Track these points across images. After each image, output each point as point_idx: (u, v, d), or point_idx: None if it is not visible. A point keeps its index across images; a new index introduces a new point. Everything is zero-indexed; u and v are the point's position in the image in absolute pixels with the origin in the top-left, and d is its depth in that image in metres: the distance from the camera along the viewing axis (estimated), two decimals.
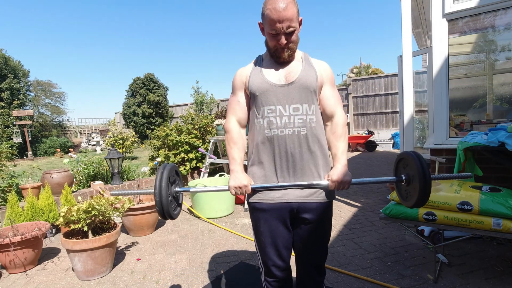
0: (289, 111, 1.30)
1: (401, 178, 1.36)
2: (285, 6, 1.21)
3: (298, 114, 1.31)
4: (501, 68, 3.65)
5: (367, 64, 17.52)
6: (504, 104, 3.54)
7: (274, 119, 1.31)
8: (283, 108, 1.30)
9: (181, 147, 4.97)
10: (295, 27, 1.26)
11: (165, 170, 1.30)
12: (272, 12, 1.22)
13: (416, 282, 2.10)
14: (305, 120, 1.31)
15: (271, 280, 1.46)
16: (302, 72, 1.33)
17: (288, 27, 1.24)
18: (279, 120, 1.31)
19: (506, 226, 1.81)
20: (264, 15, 1.27)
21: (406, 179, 1.34)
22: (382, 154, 9.07)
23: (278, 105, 1.31)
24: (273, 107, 1.31)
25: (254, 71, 1.38)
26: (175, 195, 1.39)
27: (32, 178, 4.30)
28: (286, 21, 1.22)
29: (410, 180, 1.32)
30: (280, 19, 1.22)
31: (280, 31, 1.25)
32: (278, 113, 1.31)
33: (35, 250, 2.60)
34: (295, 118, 1.30)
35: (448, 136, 2.94)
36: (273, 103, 1.31)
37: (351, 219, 3.46)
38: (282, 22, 1.23)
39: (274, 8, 1.21)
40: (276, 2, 1.22)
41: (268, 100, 1.32)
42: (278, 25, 1.23)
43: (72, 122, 19.33)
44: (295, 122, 1.30)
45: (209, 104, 13.96)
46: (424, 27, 5.46)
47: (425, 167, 1.24)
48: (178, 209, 1.43)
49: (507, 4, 2.67)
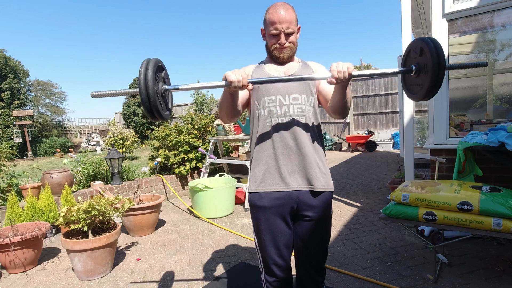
0: (289, 100, 1.39)
1: (411, 68, 1.22)
2: (286, 9, 1.37)
3: (297, 104, 1.39)
4: (501, 68, 3.65)
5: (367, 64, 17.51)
6: (504, 104, 3.54)
7: (275, 108, 1.39)
8: (282, 97, 1.39)
9: (180, 147, 4.97)
10: (294, 30, 1.39)
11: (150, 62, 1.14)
12: (273, 15, 1.36)
13: (416, 282, 2.10)
14: (303, 110, 1.39)
15: (271, 280, 1.46)
16: (300, 69, 1.46)
17: (288, 27, 1.37)
18: (279, 109, 1.39)
19: (506, 226, 1.81)
20: (265, 20, 1.40)
21: (417, 68, 1.21)
22: (382, 154, 9.06)
23: (278, 95, 1.39)
24: (273, 97, 1.40)
25: (257, 68, 1.51)
26: (163, 93, 1.23)
27: (32, 178, 4.30)
28: (285, 22, 1.36)
29: (421, 70, 1.19)
30: (280, 20, 1.35)
31: (280, 30, 1.36)
32: (278, 102, 1.39)
33: (35, 250, 2.60)
34: (294, 107, 1.38)
35: (448, 136, 2.94)
36: (273, 93, 1.40)
37: (351, 219, 3.46)
38: (282, 23, 1.36)
39: (275, 11, 1.36)
40: (277, 7, 1.37)
41: (269, 91, 1.41)
42: (278, 25, 1.36)
43: (72, 122, 19.35)
44: (294, 111, 1.38)
45: (209, 104, 13.96)
46: (424, 27, 5.46)
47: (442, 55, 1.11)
48: (167, 112, 1.29)
49: (507, 4, 2.66)
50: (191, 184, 3.97)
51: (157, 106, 1.15)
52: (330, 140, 10.89)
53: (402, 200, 2.10)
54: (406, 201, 2.08)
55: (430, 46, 1.12)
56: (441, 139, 2.95)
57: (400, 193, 2.13)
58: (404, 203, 2.10)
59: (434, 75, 1.11)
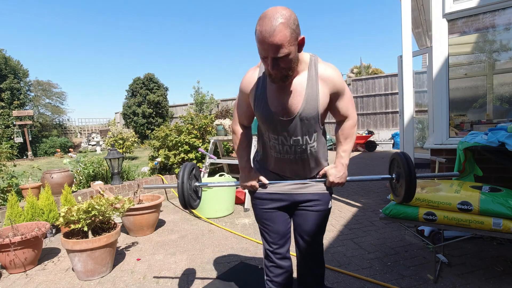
0: (290, 141, 1.34)
1: (392, 177, 1.49)
2: (273, 30, 1.05)
3: (299, 145, 1.35)
4: (501, 68, 3.65)
5: (367, 64, 17.50)
6: (504, 104, 3.55)
7: (277, 145, 1.37)
8: (284, 138, 1.34)
9: (181, 147, 4.97)
10: (288, 52, 1.09)
11: (187, 167, 1.52)
12: (260, 35, 1.08)
13: (416, 282, 2.10)
14: (305, 149, 1.36)
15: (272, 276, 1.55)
16: (304, 102, 1.25)
17: (276, 52, 1.09)
18: (281, 147, 1.37)
19: (506, 226, 1.81)
20: (255, 34, 1.12)
21: (396, 177, 1.48)
22: (382, 154, 9.07)
23: (280, 136, 1.34)
24: (276, 136, 1.35)
25: (259, 90, 1.31)
26: (195, 189, 1.59)
27: (32, 178, 4.30)
28: (274, 46, 1.07)
29: (399, 178, 1.45)
30: (267, 43, 1.08)
31: (267, 55, 1.11)
32: (281, 141, 1.36)
33: (35, 250, 2.60)
34: (296, 148, 1.36)
35: (448, 136, 2.94)
36: (276, 132, 1.34)
37: (351, 219, 3.46)
38: (269, 47, 1.08)
39: (261, 32, 1.07)
40: (264, 24, 1.07)
41: (271, 129, 1.35)
42: (265, 50, 1.10)
43: (72, 122, 19.34)
44: (296, 151, 1.36)
45: (209, 104, 13.96)
46: (424, 27, 5.46)
47: (411, 166, 1.35)
48: (198, 201, 1.65)
49: (507, 4, 2.67)
50: None
51: (190, 202, 1.51)
52: (330, 140, 10.88)
53: None
54: None
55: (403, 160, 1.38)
56: (441, 139, 2.95)
57: None
58: (404, 203, 2.10)
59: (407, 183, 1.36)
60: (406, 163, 1.36)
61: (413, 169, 1.35)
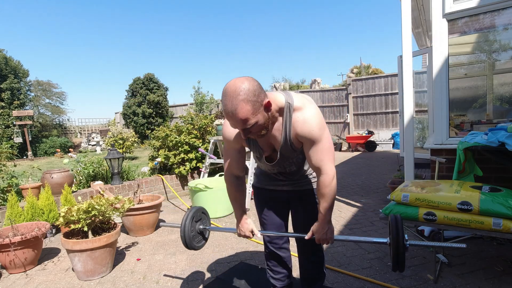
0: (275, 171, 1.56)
1: (386, 242, 1.37)
2: (234, 108, 1.11)
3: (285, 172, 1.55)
4: (501, 68, 3.65)
5: (367, 64, 17.49)
6: (504, 104, 3.55)
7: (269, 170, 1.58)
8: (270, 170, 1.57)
9: (181, 147, 4.97)
10: (255, 121, 1.17)
11: (191, 211, 1.69)
12: (225, 111, 1.16)
13: (416, 282, 2.10)
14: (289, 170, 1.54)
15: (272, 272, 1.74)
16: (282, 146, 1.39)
17: (245, 125, 1.17)
18: (270, 172, 1.60)
19: (506, 226, 1.81)
20: None
21: (389, 242, 1.34)
22: (382, 154, 9.06)
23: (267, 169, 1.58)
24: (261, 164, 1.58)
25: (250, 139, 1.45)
26: (199, 231, 1.74)
27: (32, 178, 4.30)
28: (239, 121, 1.15)
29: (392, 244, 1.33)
30: (232, 120, 1.16)
31: (237, 127, 1.22)
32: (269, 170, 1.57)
33: (35, 250, 2.60)
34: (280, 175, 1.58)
35: (448, 136, 2.94)
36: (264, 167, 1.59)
37: (351, 219, 3.46)
38: (236, 122, 1.17)
39: (225, 109, 1.15)
40: (226, 101, 1.13)
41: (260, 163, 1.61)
42: (233, 124, 1.19)
43: (72, 122, 19.33)
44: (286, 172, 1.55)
45: (209, 104, 13.95)
46: (424, 27, 5.46)
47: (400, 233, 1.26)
48: (203, 242, 1.79)
49: (507, 4, 2.66)
50: (191, 184, 3.97)
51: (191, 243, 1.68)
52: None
53: (402, 200, 2.10)
54: (406, 201, 2.08)
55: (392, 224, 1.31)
56: (441, 139, 2.95)
57: (400, 193, 2.13)
58: (404, 203, 2.10)
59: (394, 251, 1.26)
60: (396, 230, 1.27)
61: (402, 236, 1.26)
